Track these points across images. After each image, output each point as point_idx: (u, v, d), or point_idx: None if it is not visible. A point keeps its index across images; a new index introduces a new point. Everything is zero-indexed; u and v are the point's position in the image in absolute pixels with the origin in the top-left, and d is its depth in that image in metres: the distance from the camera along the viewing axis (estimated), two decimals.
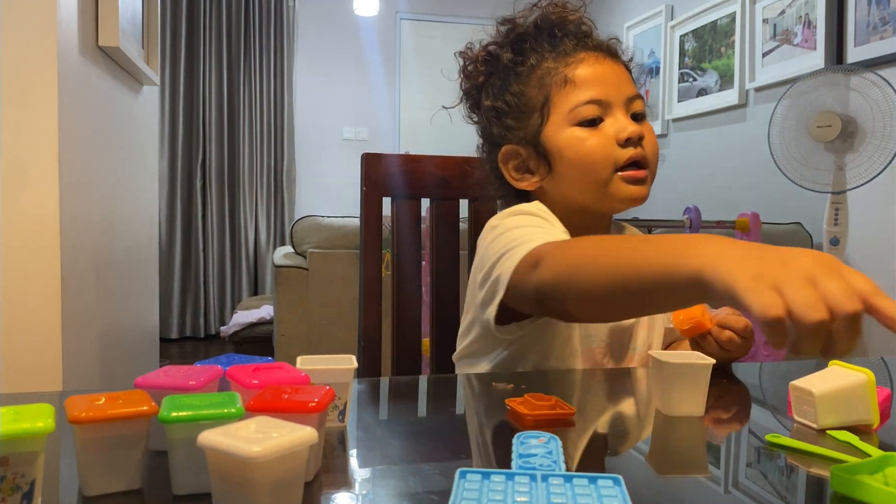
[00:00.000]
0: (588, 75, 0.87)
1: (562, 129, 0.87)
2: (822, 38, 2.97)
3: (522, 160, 0.91)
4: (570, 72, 0.87)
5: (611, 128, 0.86)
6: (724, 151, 3.67)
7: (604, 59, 0.88)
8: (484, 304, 0.81)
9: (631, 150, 0.85)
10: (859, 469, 0.49)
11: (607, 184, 0.85)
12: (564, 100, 0.87)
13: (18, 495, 0.41)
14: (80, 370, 1.60)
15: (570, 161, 0.87)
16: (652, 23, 4.29)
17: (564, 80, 0.87)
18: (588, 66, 0.87)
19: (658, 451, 0.62)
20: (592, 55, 0.88)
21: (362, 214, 1.10)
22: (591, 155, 0.85)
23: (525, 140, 0.90)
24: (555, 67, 0.88)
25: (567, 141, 0.87)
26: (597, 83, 0.87)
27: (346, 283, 2.56)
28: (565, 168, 0.88)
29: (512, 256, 0.75)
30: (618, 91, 0.87)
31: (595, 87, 0.86)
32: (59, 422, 0.44)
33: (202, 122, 4.62)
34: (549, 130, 0.88)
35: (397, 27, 5.10)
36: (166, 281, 4.43)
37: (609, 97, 0.86)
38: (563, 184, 0.89)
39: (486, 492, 0.43)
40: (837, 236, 2.43)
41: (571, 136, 0.86)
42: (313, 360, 0.60)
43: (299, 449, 0.40)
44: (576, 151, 0.86)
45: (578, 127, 0.86)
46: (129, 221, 2.14)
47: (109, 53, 1.81)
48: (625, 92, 0.88)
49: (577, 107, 0.86)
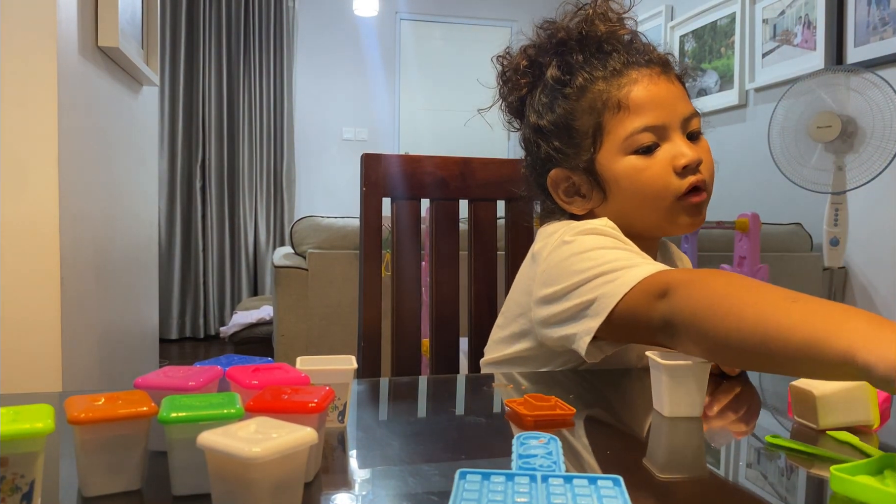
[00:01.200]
0: (643, 99, 0.82)
1: (617, 158, 0.83)
2: (822, 39, 2.97)
3: (573, 184, 0.88)
4: (624, 95, 0.82)
5: (667, 154, 0.82)
6: (724, 151, 3.67)
7: (658, 77, 0.83)
8: (566, 321, 0.77)
9: (690, 178, 0.82)
10: (859, 470, 0.49)
11: (667, 212, 0.83)
12: (619, 126, 0.83)
13: (18, 496, 0.41)
14: (80, 370, 1.60)
15: (627, 191, 0.84)
16: (652, 23, 4.30)
17: (618, 105, 0.82)
18: (642, 89, 0.82)
19: (658, 451, 0.62)
20: (646, 74, 0.83)
21: (362, 215, 1.10)
22: (651, 186, 0.82)
23: (577, 166, 0.86)
24: (606, 90, 0.83)
25: (624, 171, 0.83)
26: (652, 107, 0.82)
27: (346, 283, 2.56)
28: (623, 197, 0.85)
29: (620, 280, 0.72)
30: (673, 113, 0.83)
31: (650, 112, 0.82)
32: (59, 422, 0.44)
33: (202, 122, 4.62)
34: (603, 158, 0.84)
35: (397, 27, 5.11)
36: (166, 281, 4.43)
37: (665, 121, 0.82)
38: (619, 213, 0.86)
39: (486, 492, 0.43)
40: (837, 236, 2.43)
41: (628, 165, 0.83)
42: (313, 361, 0.60)
43: (299, 450, 0.40)
44: (634, 182, 0.83)
45: (635, 155, 0.83)
46: (128, 221, 2.14)
47: (109, 54, 1.81)
48: (681, 112, 0.83)
49: (633, 135, 0.82)
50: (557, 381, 0.82)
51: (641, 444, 0.64)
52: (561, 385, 0.81)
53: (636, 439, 0.65)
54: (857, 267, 2.83)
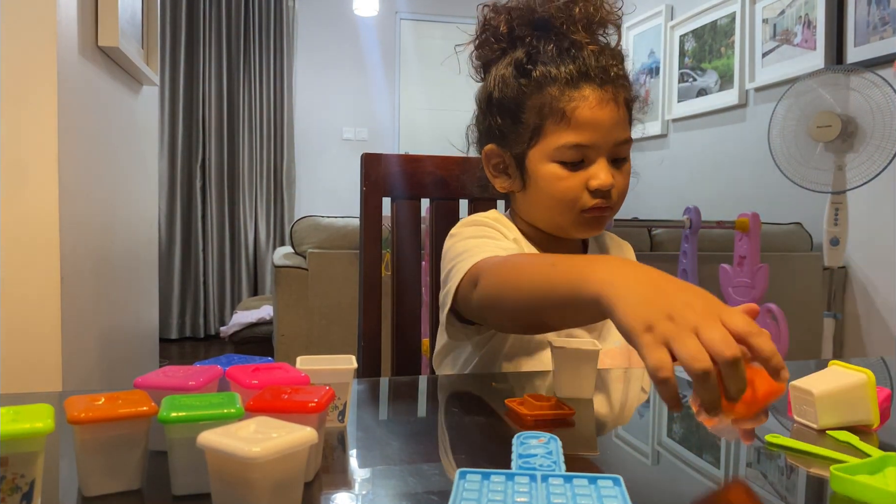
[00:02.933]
0: (585, 119, 0.86)
1: (544, 161, 0.89)
2: (822, 38, 2.97)
3: (503, 162, 0.95)
4: (570, 110, 0.86)
5: (587, 173, 0.88)
6: (724, 151, 3.67)
7: (607, 103, 0.87)
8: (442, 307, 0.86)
9: (598, 201, 0.88)
10: (859, 469, 0.49)
11: (570, 220, 0.90)
12: (555, 135, 0.88)
13: (18, 495, 0.41)
14: (80, 370, 1.60)
15: (542, 192, 0.91)
16: (652, 23, 4.29)
17: (562, 116, 0.87)
18: (588, 110, 0.86)
19: (658, 451, 0.62)
20: (597, 95, 0.87)
21: (362, 214, 1.10)
22: (564, 195, 0.89)
23: (511, 150, 0.92)
24: (557, 97, 0.87)
25: (544, 174, 0.89)
26: (590, 129, 0.87)
27: (346, 283, 2.56)
28: (536, 195, 0.92)
29: (458, 270, 0.81)
30: (607, 138, 0.87)
31: (587, 132, 0.87)
32: (59, 422, 0.44)
33: (202, 122, 4.62)
34: (533, 155, 0.90)
35: (397, 27, 5.11)
36: (166, 281, 4.43)
37: (596, 143, 0.87)
38: (530, 205, 0.94)
39: (486, 492, 0.43)
40: (837, 236, 2.43)
41: (550, 171, 0.89)
42: (313, 361, 0.60)
43: (299, 449, 0.40)
44: (550, 186, 0.89)
45: (559, 164, 0.88)
46: (128, 222, 2.14)
47: (109, 53, 1.81)
48: (613, 139, 0.88)
49: (563, 147, 0.87)
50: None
51: (642, 443, 0.64)
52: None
53: (636, 438, 0.65)
54: (857, 267, 2.83)
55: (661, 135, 4.20)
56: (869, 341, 2.79)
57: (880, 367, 0.95)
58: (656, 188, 4.27)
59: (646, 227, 2.81)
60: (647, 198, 4.31)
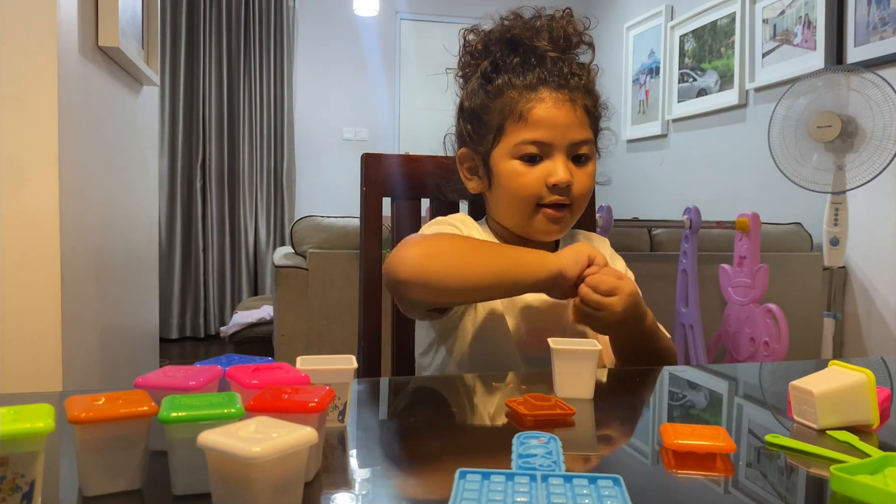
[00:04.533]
0: (540, 117, 0.92)
1: (505, 158, 0.95)
2: (822, 38, 2.97)
3: (475, 165, 1.00)
4: (527, 110, 0.93)
5: (545, 169, 0.93)
6: (724, 151, 3.67)
7: (563, 103, 0.93)
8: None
9: (555, 197, 0.93)
10: (859, 469, 0.49)
11: (528, 216, 0.95)
12: (514, 133, 0.94)
13: (18, 495, 0.41)
14: (80, 370, 1.60)
15: (504, 189, 0.96)
16: (652, 23, 4.30)
17: (520, 116, 0.93)
18: (544, 109, 0.93)
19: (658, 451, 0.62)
20: (554, 97, 0.93)
21: (362, 214, 1.10)
22: (521, 191, 0.94)
23: (478, 152, 0.98)
24: (517, 99, 0.94)
25: (506, 171, 0.95)
26: (545, 127, 0.92)
27: (346, 283, 2.56)
28: (499, 193, 0.97)
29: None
30: (563, 137, 0.92)
31: (543, 129, 0.92)
32: (59, 422, 0.44)
33: (202, 122, 4.62)
34: (496, 154, 0.96)
35: (397, 27, 5.10)
36: (166, 281, 4.43)
37: (553, 141, 0.92)
38: (496, 204, 1.00)
39: (486, 492, 0.43)
40: (837, 236, 2.43)
41: (510, 168, 0.94)
42: (313, 361, 0.60)
43: (299, 449, 0.40)
44: (510, 183, 0.95)
45: (519, 161, 0.94)
46: (129, 222, 2.14)
47: (109, 53, 1.80)
48: (570, 137, 0.93)
49: (521, 143, 0.93)
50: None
51: (642, 443, 0.64)
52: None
53: (636, 439, 0.65)
54: (857, 267, 2.83)
55: (661, 135, 4.20)
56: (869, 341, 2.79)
57: (880, 367, 0.96)
58: (656, 188, 4.27)
59: (646, 227, 2.81)
60: (647, 198, 4.31)
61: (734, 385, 0.87)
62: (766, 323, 2.43)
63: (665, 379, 0.88)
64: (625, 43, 4.59)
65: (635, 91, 4.50)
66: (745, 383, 0.88)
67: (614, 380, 0.85)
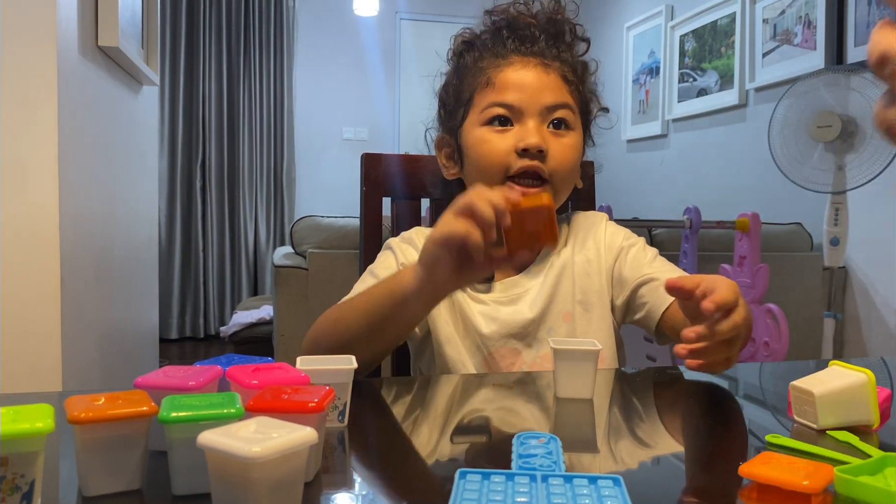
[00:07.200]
0: (508, 80, 0.87)
1: (474, 128, 0.88)
2: (822, 38, 2.97)
3: (451, 149, 0.94)
4: (495, 74, 0.88)
5: (516, 134, 0.86)
6: (724, 151, 3.67)
7: (534, 66, 0.88)
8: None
9: (525, 162, 0.84)
10: (860, 470, 0.49)
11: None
12: (482, 99, 0.88)
13: (18, 495, 0.41)
14: (80, 370, 1.60)
15: (471, 160, 0.89)
16: (652, 23, 4.29)
17: (487, 81, 0.88)
18: (512, 72, 0.87)
19: (658, 451, 0.62)
20: (523, 60, 0.88)
21: (362, 214, 1.10)
22: (487, 157, 0.87)
23: (450, 132, 0.93)
24: (486, 69, 0.89)
25: (473, 140, 0.88)
26: (514, 89, 0.86)
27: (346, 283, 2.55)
28: (469, 167, 0.90)
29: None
30: (534, 100, 0.86)
31: (511, 92, 0.86)
32: (59, 422, 0.44)
33: (202, 122, 4.62)
34: (465, 127, 0.90)
35: (397, 27, 5.10)
36: (166, 281, 4.43)
37: (522, 104, 0.86)
38: (468, 182, 0.91)
39: (486, 492, 0.43)
40: (837, 236, 2.43)
41: (478, 136, 0.88)
42: (313, 361, 0.60)
43: (299, 449, 0.40)
44: (476, 152, 0.88)
45: (487, 127, 0.87)
46: (129, 221, 2.14)
47: (109, 53, 1.80)
48: (543, 101, 0.86)
49: (488, 107, 0.87)
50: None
51: (642, 443, 0.64)
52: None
53: (637, 439, 0.65)
54: (857, 267, 2.83)
55: (661, 135, 4.19)
56: (869, 341, 2.79)
57: (880, 367, 0.95)
58: (656, 188, 4.27)
59: (646, 227, 2.81)
60: (647, 198, 4.31)
61: (734, 385, 0.87)
62: (766, 323, 2.43)
63: (665, 379, 0.88)
64: (625, 43, 4.59)
65: (635, 91, 4.50)
66: (746, 383, 0.88)
67: (614, 379, 0.85)
